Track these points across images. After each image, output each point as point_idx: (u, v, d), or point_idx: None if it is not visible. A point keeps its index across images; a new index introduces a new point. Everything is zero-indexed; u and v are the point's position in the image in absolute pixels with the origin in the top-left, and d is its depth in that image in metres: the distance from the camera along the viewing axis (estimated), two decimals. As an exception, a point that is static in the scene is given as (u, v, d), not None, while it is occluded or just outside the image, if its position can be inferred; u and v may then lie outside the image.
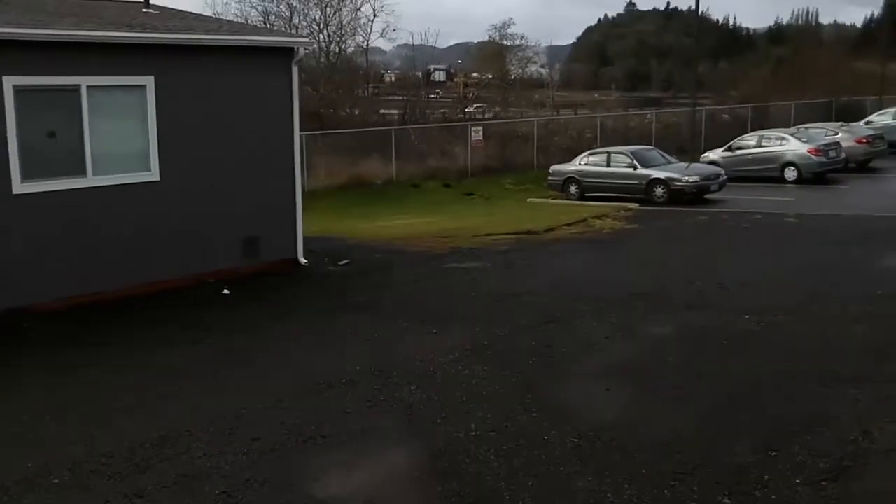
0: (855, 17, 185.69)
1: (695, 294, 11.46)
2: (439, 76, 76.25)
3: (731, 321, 9.97)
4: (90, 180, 11.67)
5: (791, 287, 11.76)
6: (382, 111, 41.47)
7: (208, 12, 31.69)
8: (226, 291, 12.34)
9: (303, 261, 14.21)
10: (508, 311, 10.83)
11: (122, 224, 12.01)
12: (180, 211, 12.54)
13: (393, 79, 57.15)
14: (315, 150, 27.78)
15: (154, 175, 12.28)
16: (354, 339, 9.70)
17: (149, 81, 12.05)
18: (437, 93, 60.55)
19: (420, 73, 53.27)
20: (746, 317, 10.09)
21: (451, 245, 16.39)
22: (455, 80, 64.49)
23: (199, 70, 12.69)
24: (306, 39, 16.08)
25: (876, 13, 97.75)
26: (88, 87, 11.47)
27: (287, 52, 13.59)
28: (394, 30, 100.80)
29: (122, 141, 12.11)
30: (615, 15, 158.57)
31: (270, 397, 7.72)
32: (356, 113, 37.70)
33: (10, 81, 10.73)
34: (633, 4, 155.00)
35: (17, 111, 10.85)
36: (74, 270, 11.55)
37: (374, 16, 46.67)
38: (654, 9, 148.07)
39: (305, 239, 14.44)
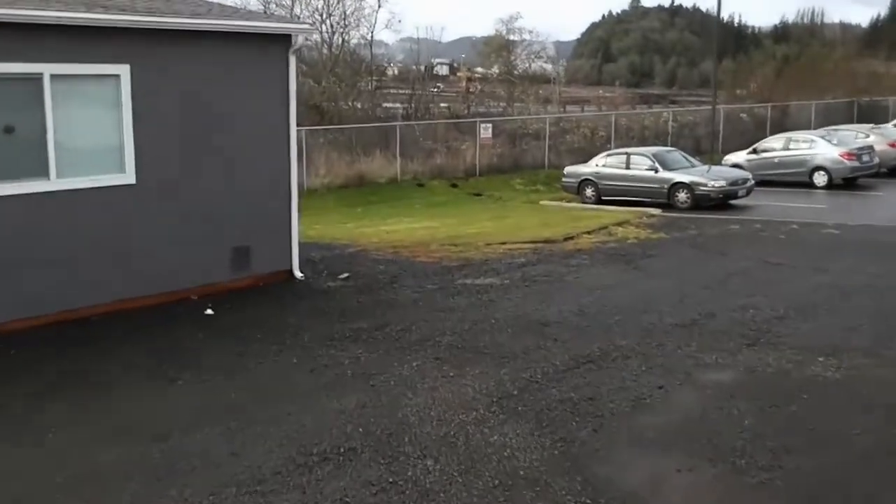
0: (861, 16, 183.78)
1: (750, 325, 9.90)
2: (442, 70, 74.56)
3: (803, 364, 8.41)
4: (54, 183, 10.15)
5: (858, 317, 10.22)
6: (386, 105, 39.93)
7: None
8: (209, 311, 10.82)
9: (298, 274, 12.68)
10: (536, 345, 9.26)
11: (92, 234, 10.49)
12: (160, 218, 11.02)
13: (396, 72, 55.52)
14: (315, 146, 26.36)
15: (129, 177, 10.76)
16: (356, 384, 8.09)
17: (123, 70, 10.52)
18: (439, 87, 58.88)
19: (423, 67, 51.61)
20: (820, 359, 8.54)
21: (461, 255, 14.86)
22: (458, 74, 62.82)
23: (182, 59, 11.13)
24: (306, 26, 14.53)
25: (882, 13, 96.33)
26: (52, 75, 9.95)
27: (284, 40, 12.04)
28: (398, 21, 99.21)
29: (93, 138, 10.60)
30: (620, 11, 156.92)
31: (248, 476, 6.11)
32: (359, 106, 36.19)
33: (-42, 68, 9.23)
34: (638, 0, 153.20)
35: (-33, 103, 9.34)
36: (36, 287, 10.01)
37: (379, 6, 44.65)
38: (659, 5, 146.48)
39: (303, 245, 13.02)
